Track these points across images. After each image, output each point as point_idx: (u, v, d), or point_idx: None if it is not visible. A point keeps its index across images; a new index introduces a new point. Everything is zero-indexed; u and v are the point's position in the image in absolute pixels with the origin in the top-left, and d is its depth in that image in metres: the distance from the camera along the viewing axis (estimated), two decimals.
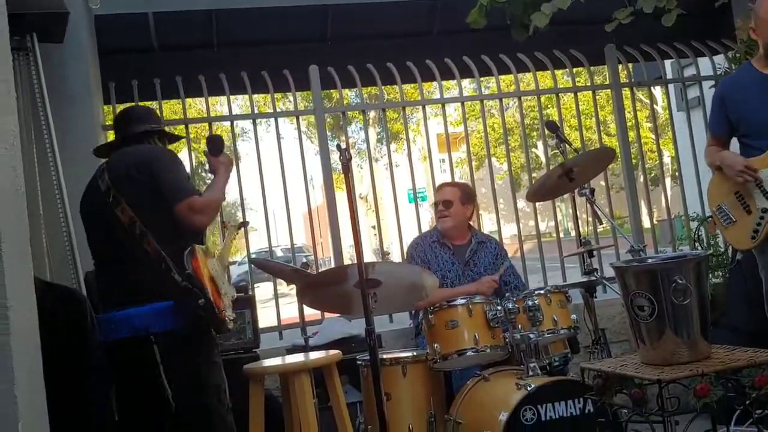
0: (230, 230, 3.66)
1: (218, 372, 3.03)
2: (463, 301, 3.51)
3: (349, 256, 7.18)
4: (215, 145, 3.29)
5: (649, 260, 2.62)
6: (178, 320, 2.86)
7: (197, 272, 2.82)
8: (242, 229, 3.72)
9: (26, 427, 1.92)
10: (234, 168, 3.47)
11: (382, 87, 5.23)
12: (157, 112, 3.52)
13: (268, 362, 3.48)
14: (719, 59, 5.78)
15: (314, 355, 3.37)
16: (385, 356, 3.60)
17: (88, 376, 3.03)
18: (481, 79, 5.47)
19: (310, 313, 4.60)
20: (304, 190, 5.17)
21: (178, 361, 2.94)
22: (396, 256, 6.44)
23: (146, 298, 2.89)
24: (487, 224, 22.66)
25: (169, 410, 2.99)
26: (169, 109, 9.93)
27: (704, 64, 5.78)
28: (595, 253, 4.03)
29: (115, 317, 2.95)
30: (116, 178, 3.02)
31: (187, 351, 2.93)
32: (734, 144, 3.86)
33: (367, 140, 6.24)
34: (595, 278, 3.86)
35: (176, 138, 3.59)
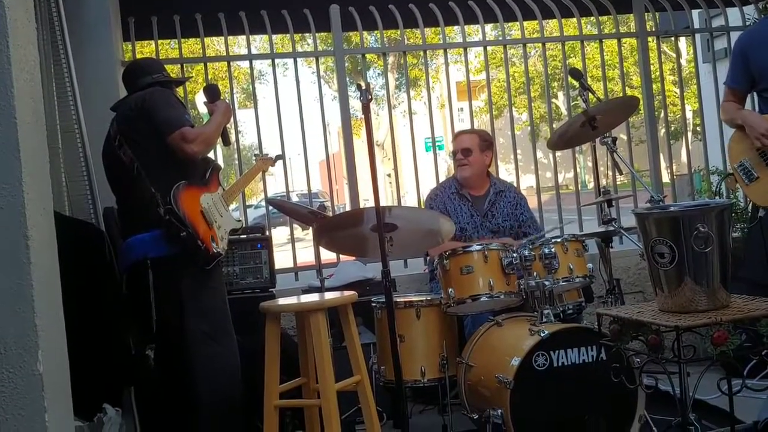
0: (261, 163, 3.84)
1: (211, 297, 3.19)
2: (478, 247, 3.50)
3: (364, 205, 7.18)
4: (212, 93, 3.47)
5: (671, 208, 2.59)
6: (170, 247, 3.05)
7: (182, 207, 3.02)
8: (278, 162, 3.99)
9: (46, 356, 1.95)
10: (233, 112, 3.73)
11: (403, 30, 5.15)
12: (160, 62, 3.68)
13: (285, 301, 3.51)
14: (749, 10, 5.64)
15: (330, 295, 3.39)
16: (399, 299, 3.63)
17: (107, 308, 3.10)
18: (504, 25, 5.37)
19: (326, 256, 4.63)
20: (323, 135, 5.14)
21: (167, 284, 3.11)
22: (412, 204, 6.41)
23: (144, 228, 3.10)
24: (504, 175, 22.55)
25: (152, 332, 3.16)
26: (188, 49, 9.86)
27: (733, 15, 5.64)
28: (613, 203, 3.99)
29: (125, 246, 3.18)
30: (120, 123, 3.25)
31: (176, 275, 3.10)
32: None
33: (387, 85, 6.16)
34: (612, 228, 3.84)
35: (181, 81, 3.76)
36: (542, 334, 3.11)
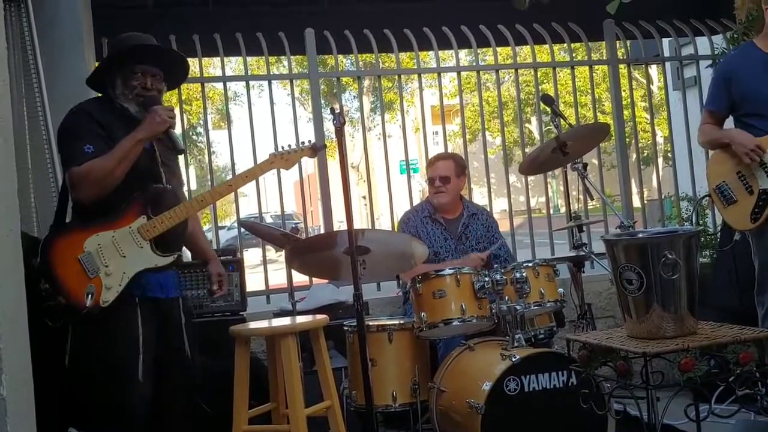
0: (278, 160, 3.28)
1: (106, 338, 2.79)
2: (451, 271, 3.50)
3: (339, 227, 7.17)
4: (146, 103, 2.95)
5: (640, 234, 2.62)
6: None
7: (50, 256, 2.69)
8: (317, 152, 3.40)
9: (10, 380, 1.92)
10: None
11: (378, 54, 5.19)
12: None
13: (255, 324, 3.48)
14: (717, 39, 5.75)
15: (301, 319, 3.37)
16: (371, 323, 3.61)
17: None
18: (478, 50, 5.43)
19: (299, 279, 4.60)
20: None
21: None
22: (386, 226, 6.41)
23: None
24: (478, 198, 22.67)
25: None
26: None
27: (702, 44, 5.76)
28: (584, 227, 4.03)
29: None
30: None
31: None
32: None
33: (361, 108, 6.22)
34: (583, 253, 3.87)
35: (118, 62, 3.00)
36: (513, 359, 3.12)
